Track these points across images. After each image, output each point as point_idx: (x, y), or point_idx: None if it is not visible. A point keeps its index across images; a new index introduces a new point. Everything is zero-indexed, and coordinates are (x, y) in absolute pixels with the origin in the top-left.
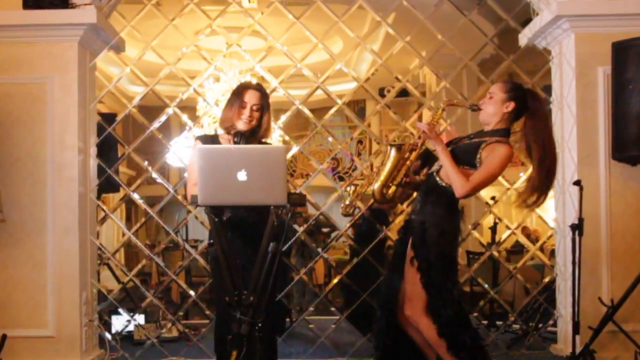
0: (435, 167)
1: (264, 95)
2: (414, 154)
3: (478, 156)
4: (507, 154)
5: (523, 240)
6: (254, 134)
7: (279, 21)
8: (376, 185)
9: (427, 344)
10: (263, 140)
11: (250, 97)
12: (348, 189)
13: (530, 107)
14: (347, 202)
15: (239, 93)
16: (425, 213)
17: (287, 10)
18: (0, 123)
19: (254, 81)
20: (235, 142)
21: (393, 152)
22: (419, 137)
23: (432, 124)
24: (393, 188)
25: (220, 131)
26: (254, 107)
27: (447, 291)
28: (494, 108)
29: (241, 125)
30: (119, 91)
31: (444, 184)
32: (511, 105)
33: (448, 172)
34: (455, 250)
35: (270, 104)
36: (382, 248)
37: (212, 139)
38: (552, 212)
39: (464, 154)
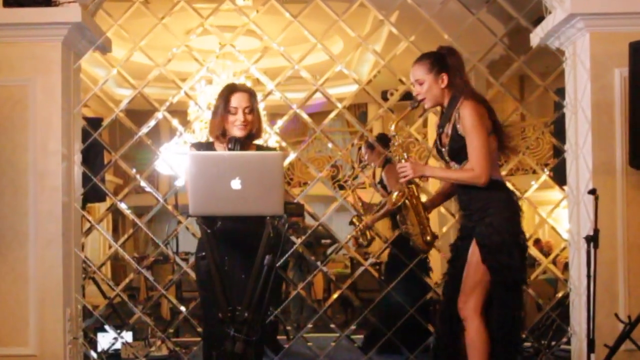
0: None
1: (252, 95)
2: (418, 188)
3: (462, 133)
4: (471, 107)
5: (534, 252)
6: (250, 138)
7: (275, 20)
8: (418, 240)
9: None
10: (256, 142)
11: (240, 101)
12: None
13: (456, 65)
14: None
15: (225, 98)
16: (487, 213)
17: (284, 8)
18: None
19: (249, 84)
20: (229, 149)
21: (407, 203)
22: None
23: (402, 155)
24: (427, 230)
25: None
26: (247, 110)
27: (518, 295)
28: (432, 92)
29: (237, 132)
30: (105, 94)
31: (493, 177)
32: (445, 78)
33: (454, 181)
34: (524, 237)
35: (258, 103)
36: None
37: (207, 147)
38: (565, 223)
39: (456, 147)
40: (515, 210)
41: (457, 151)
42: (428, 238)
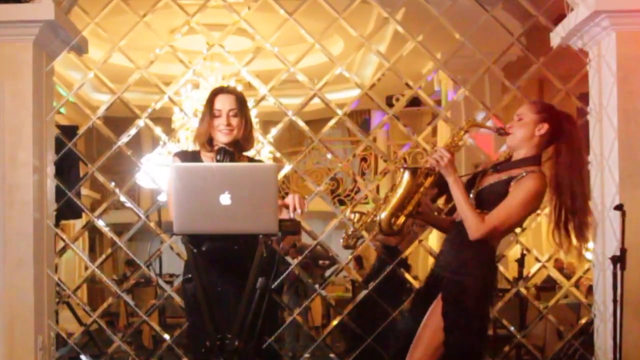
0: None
1: (239, 98)
2: (430, 179)
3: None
4: (536, 187)
5: (555, 274)
6: (240, 148)
7: (268, 17)
8: (384, 214)
9: None
10: (247, 154)
11: (223, 103)
12: (352, 216)
13: (565, 131)
14: (349, 232)
15: (209, 101)
16: (461, 267)
17: (279, 4)
18: None
19: (239, 88)
20: (217, 161)
21: (406, 177)
22: (437, 161)
23: (451, 147)
24: (402, 218)
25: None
26: (231, 113)
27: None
28: (524, 131)
29: (221, 137)
30: (81, 100)
31: None
32: (544, 128)
33: (459, 209)
34: (489, 308)
35: (248, 109)
36: (400, 290)
37: (193, 156)
38: (589, 242)
39: (492, 195)
40: (490, 284)
41: (488, 201)
42: (395, 222)
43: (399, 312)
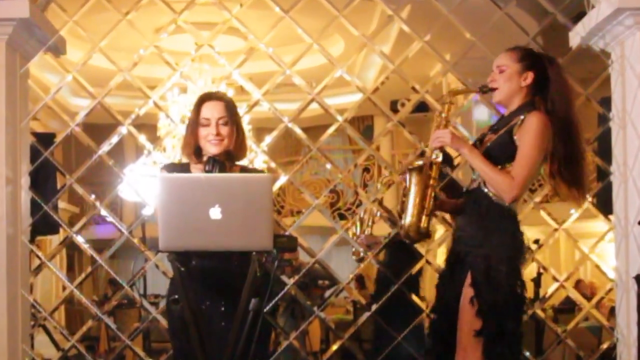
0: (478, 178)
1: (229, 105)
2: (435, 168)
3: (515, 138)
4: (540, 123)
5: (575, 295)
6: (231, 158)
7: (262, 15)
8: (408, 220)
9: None
10: (240, 163)
11: (212, 110)
12: (352, 227)
13: (550, 76)
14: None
15: (195, 109)
16: (486, 243)
17: (274, 1)
18: None
19: (231, 92)
20: (207, 171)
21: (414, 178)
22: (435, 149)
23: (443, 124)
24: (426, 219)
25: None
26: (221, 121)
27: (516, 343)
28: (509, 85)
29: (210, 148)
30: (59, 105)
31: (500, 201)
32: (530, 76)
33: (485, 177)
34: (523, 284)
35: (239, 116)
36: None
37: (182, 169)
38: (611, 259)
39: (500, 149)
40: (519, 250)
41: (496, 156)
42: (422, 225)
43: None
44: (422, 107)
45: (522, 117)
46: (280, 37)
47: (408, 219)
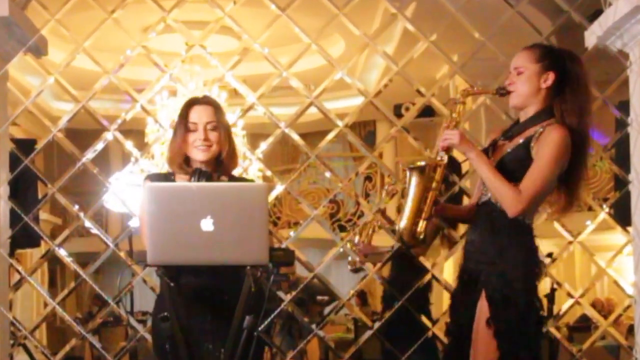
0: (487, 191)
1: (217, 109)
2: (439, 171)
3: (532, 152)
4: (560, 138)
5: (591, 312)
6: (220, 167)
7: (257, 14)
8: (402, 224)
9: None
10: (232, 174)
11: (200, 114)
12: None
13: (571, 74)
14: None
15: (182, 114)
16: (500, 259)
17: None
18: None
19: (224, 96)
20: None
21: (415, 178)
22: (441, 149)
23: (453, 124)
24: (423, 224)
25: None
26: (209, 126)
27: None
28: (528, 86)
29: (198, 154)
30: (40, 109)
31: None
32: (550, 77)
33: (490, 186)
34: (541, 303)
35: (228, 122)
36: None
37: (167, 179)
38: (630, 274)
39: (513, 163)
40: (536, 267)
41: (512, 171)
42: (418, 230)
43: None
44: (427, 111)
45: (540, 129)
46: (276, 36)
47: (403, 222)
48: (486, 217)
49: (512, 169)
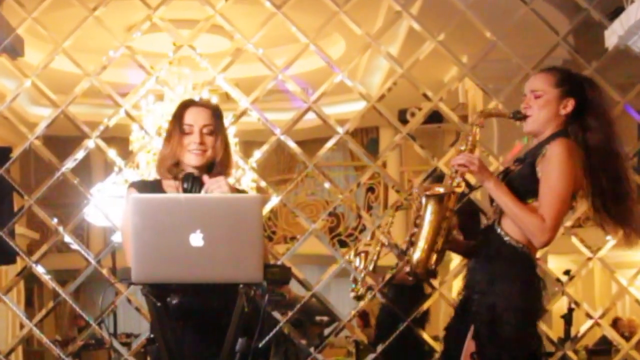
0: (493, 215)
1: (216, 113)
2: (453, 198)
3: (537, 169)
4: (564, 147)
5: (612, 334)
6: (213, 175)
7: (251, 12)
8: (417, 255)
9: None
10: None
11: (196, 117)
12: (356, 261)
13: (591, 101)
14: (360, 277)
15: (177, 116)
16: (492, 290)
17: None
18: None
19: (214, 100)
20: (185, 190)
21: (431, 206)
22: (457, 173)
23: (469, 148)
24: (435, 255)
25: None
26: (205, 130)
27: None
28: (546, 112)
29: (191, 159)
30: (16, 114)
31: (513, 242)
32: (570, 104)
33: (512, 216)
34: (540, 341)
35: (225, 127)
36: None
37: (153, 187)
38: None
39: (521, 181)
40: (534, 301)
41: (516, 188)
42: (430, 263)
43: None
44: (434, 117)
45: (547, 146)
46: (271, 36)
47: (418, 253)
48: (484, 242)
49: (516, 186)
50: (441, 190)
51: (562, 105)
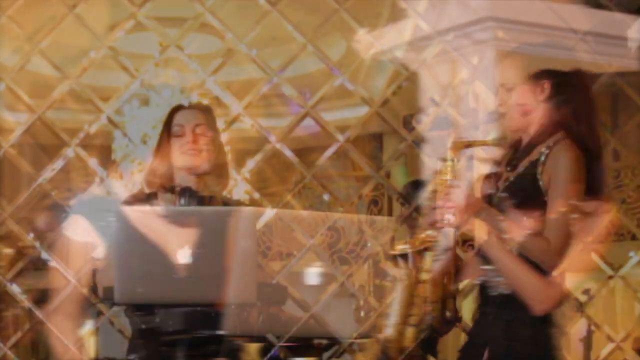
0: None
1: (208, 112)
2: (429, 258)
3: (541, 182)
4: (573, 156)
5: (635, 358)
6: (211, 185)
7: (244, 9)
8: (389, 332)
9: None
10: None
11: (187, 117)
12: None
13: (576, 88)
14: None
15: (166, 121)
16: (507, 326)
17: None
18: None
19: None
20: (181, 205)
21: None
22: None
23: (445, 192)
24: (451, 302)
25: None
26: (198, 129)
27: None
28: (524, 102)
29: (186, 160)
30: None
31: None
32: (547, 87)
33: (509, 277)
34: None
35: (219, 130)
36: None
37: (148, 200)
38: None
39: (521, 194)
40: (554, 341)
41: (517, 204)
42: (448, 314)
43: None
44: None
45: (545, 150)
46: (266, 36)
47: (388, 330)
48: (485, 283)
49: (516, 202)
50: (405, 247)
51: (538, 89)
